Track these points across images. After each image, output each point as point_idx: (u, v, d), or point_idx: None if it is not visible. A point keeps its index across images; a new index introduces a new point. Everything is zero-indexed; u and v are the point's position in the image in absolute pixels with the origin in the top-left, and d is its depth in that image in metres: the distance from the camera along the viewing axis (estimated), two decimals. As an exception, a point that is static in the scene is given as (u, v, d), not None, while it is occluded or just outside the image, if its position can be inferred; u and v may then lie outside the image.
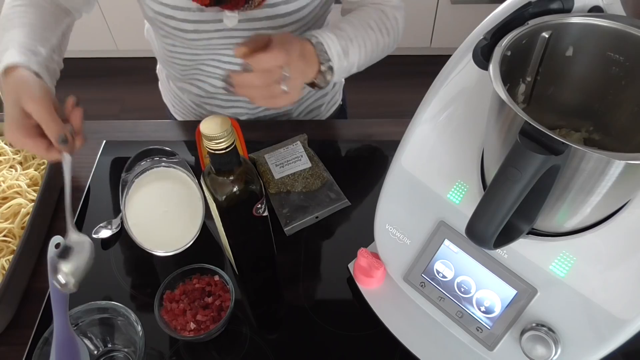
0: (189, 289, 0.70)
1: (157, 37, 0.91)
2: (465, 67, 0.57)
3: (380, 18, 0.81)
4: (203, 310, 0.68)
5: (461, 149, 0.59)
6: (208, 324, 0.67)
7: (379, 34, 0.80)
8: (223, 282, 0.71)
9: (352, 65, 0.77)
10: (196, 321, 0.67)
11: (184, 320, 0.68)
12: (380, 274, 0.69)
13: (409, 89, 0.79)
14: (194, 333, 0.67)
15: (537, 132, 0.40)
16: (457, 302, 0.61)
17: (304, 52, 0.68)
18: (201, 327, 0.67)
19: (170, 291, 0.70)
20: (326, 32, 0.72)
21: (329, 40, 0.72)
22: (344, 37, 0.74)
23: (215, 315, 0.68)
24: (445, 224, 0.60)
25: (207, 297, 0.70)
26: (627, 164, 0.41)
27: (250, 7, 0.76)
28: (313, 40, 0.71)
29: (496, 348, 0.59)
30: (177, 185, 0.78)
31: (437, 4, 2.20)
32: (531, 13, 0.48)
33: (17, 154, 0.87)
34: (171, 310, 0.68)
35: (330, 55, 0.72)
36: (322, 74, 0.72)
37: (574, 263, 0.52)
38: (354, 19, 0.79)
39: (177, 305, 0.69)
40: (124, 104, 2.29)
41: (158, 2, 0.78)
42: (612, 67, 0.50)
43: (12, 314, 0.73)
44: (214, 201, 0.63)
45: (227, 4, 0.74)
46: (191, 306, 0.69)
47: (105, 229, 0.80)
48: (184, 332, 0.67)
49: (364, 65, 0.80)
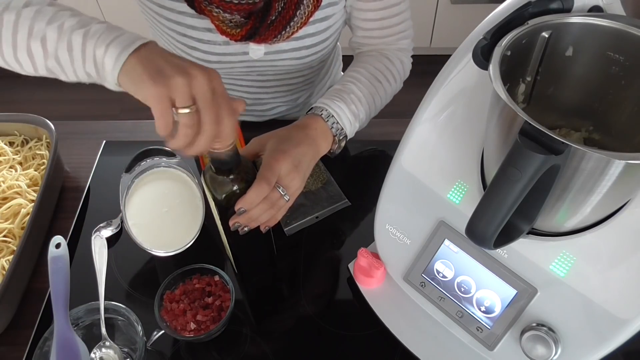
0: (189, 289, 0.70)
1: None
2: (465, 67, 0.57)
3: (386, 67, 0.82)
4: (203, 311, 0.68)
5: (461, 149, 0.59)
6: (208, 324, 0.67)
7: (386, 84, 0.81)
8: (223, 282, 0.71)
9: (364, 123, 0.79)
10: (196, 321, 0.67)
11: (184, 320, 0.67)
12: (380, 274, 0.69)
13: (408, 89, 0.79)
14: (194, 333, 0.67)
15: (537, 132, 0.40)
16: (457, 302, 0.61)
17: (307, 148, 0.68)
18: (201, 327, 0.67)
19: (170, 291, 0.70)
20: (335, 101, 0.73)
21: (339, 110, 0.73)
22: (353, 101, 0.75)
23: (215, 316, 0.68)
24: (445, 224, 0.60)
25: (207, 297, 0.70)
26: (627, 164, 0.41)
27: (279, 40, 0.77)
28: (324, 114, 0.72)
29: (496, 348, 0.59)
30: (177, 185, 0.78)
31: (437, 4, 2.19)
32: (531, 13, 0.48)
33: (17, 154, 0.87)
34: (171, 310, 0.68)
35: (342, 125, 0.73)
36: (337, 142, 0.73)
37: (574, 263, 0.52)
38: (361, 75, 0.79)
39: (177, 305, 0.69)
40: (124, 104, 2.29)
41: (181, 34, 0.78)
42: (612, 67, 0.50)
43: (12, 314, 0.72)
44: (213, 200, 0.63)
45: (258, 37, 0.75)
46: (191, 306, 0.69)
47: (105, 229, 0.80)
48: (184, 332, 0.67)
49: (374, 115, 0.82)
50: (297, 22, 0.75)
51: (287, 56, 0.82)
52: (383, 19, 0.81)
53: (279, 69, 0.85)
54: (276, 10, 0.73)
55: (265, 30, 0.74)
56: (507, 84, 0.44)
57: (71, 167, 0.91)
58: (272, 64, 0.83)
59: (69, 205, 0.86)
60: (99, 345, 0.66)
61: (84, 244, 0.80)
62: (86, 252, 0.75)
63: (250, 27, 0.73)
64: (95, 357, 0.65)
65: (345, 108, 0.73)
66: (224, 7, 0.70)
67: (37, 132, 0.89)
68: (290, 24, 0.75)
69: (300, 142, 0.67)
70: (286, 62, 0.83)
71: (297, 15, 0.74)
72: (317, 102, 0.74)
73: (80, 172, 0.90)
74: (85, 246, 0.79)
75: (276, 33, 0.75)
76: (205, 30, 0.76)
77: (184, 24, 0.76)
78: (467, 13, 2.19)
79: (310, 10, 0.75)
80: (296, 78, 0.91)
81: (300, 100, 1.01)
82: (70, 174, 0.90)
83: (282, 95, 0.95)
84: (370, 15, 0.81)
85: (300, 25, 0.76)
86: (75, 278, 0.69)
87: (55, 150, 0.82)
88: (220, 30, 0.74)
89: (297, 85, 0.93)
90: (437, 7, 2.21)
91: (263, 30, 0.74)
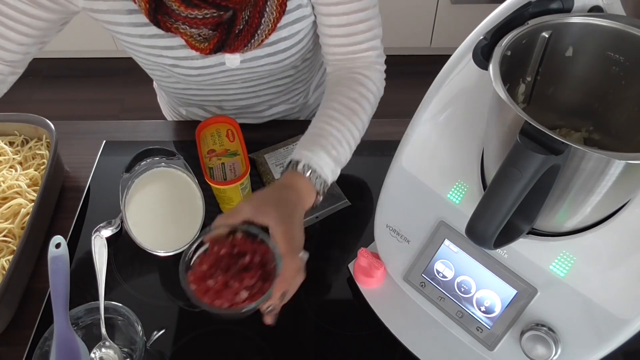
0: (214, 260, 0.57)
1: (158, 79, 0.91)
2: (465, 67, 0.57)
3: (360, 94, 0.76)
4: (247, 273, 0.56)
5: (461, 149, 0.59)
6: (262, 284, 0.56)
7: (362, 114, 0.75)
8: (247, 235, 0.59)
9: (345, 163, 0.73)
10: (247, 288, 0.56)
11: (231, 293, 0.55)
12: (380, 274, 0.69)
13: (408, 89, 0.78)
14: (250, 301, 0.56)
15: (537, 132, 0.40)
16: (457, 302, 0.61)
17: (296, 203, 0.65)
18: (255, 291, 0.56)
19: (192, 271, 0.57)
20: (316, 151, 0.68)
21: (320, 161, 0.67)
22: (334, 145, 0.70)
23: (262, 273, 0.57)
24: (445, 224, 0.60)
25: (242, 257, 0.58)
26: (627, 164, 0.41)
27: (250, 48, 0.76)
28: (306, 171, 0.67)
29: (496, 348, 0.59)
30: (177, 185, 0.78)
31: (437, 4, 2.19)
32: (531, 13, 0.48)
33: (17, 154, 0.87)
34: (209, 290, 0.56)
35: (325, 177, 0.68)
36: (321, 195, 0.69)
37: (574, 263, 0.52)
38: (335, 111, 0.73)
39: (213, 282, 0.56)
40: (124, 104, 2.29)
41: (158, 55, 0.78)
42: (612, 67, 0.50)
43: (12, 314, 0.73)
44: None
45: (228, 49, 0.75)
46: (231, 275, 0.57)
47: (105, 229, 0.80)
48: (238, 306, 0.55)
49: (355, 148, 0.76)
50: (265, 30, 0.74)
51: (264, 62, 0.81)
52: (348, 24, 0.76)
53: (260, 74, 0.85)
54: (242, 19, 0.72)
55: (233, 41, 0.74)
56: (507, 84, 0.44)
57: (71, 167, 0.91)
58: (251, 70, 0.83)
59: (69, 205, 0.86)
60: (99, 345, 0.65)
61: (84, 244, 0.80)
62: (86, 252, 0.75)
63: (217, 40, 0.73)
64: (95, 357, 0.65)
65: (325, 156, 0.68)
66: (189, 22, 0.70)
67: (37, 132, 0.89)
68: (257, 32, 0.74)
69: (295, 203, 0.64)
70: (265, 67, 0.83)
71: (262, 23, 0.73)
72: (295, 153, 0.69)
73: (80, 172, 0.90)
74: (85, 246, 0.79)
75: (245, 42, 0.74)
76: (181, 47, 0.76)
77: (159, 46, 0.76)
78: (467, 13, 2.19)
79: (275, 16, 0.74)
80: (282, 79, 0.90)
81: (300, 101, 1.01)
82: (70, 174, 0.90)
83: (274, 97, 0.95)
84: (333, 20, 0.76)
85: (269, 32, 0.75)
86: (75, 278, 0.69)
87: (55, 150, 0.82)
88: (190, 45, 0.74)
89: (286, 86, 0.93)
90: (437, 7, 2.21)
91: (231, 42, 0.74)
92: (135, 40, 0.76)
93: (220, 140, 0.80)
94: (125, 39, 0.77)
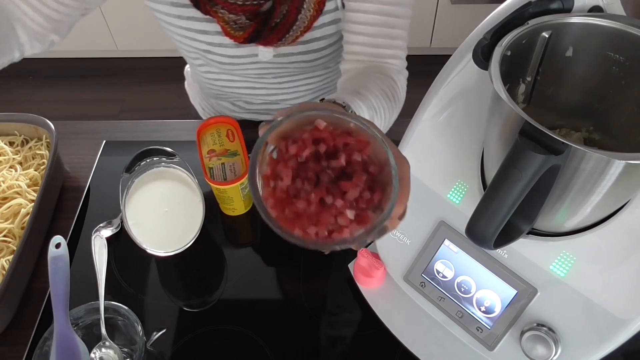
0: (294, 168, 0.39)
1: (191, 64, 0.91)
2: (465, 67, 0.57)
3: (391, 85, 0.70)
4: (347, 183, 0.39)
5: (461, 149, 0.59)
6: (370, 196, 0.39)
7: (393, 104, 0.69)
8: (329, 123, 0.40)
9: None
10: (352, 203, 0.38)
11: (331, 215, 0.38)
12: (380, 274, 0.69)
13: (408, 89, 0.78)
14: (359, 224, 0.39)
15: (537, 132, 0.40)
16: (457, 302, 0.61)
17: None
18: (366, 208, 0.39)
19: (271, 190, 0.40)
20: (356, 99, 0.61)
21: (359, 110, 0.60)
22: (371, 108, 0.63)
23: (368, 179, 0.39)
24: (445, 224, 0.60)
25: (332, 158, 0.39)
26: (627, 164, 0.41)
27: (284, 43, 0.77)
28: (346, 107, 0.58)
29: (496, 348, 0.59)
30: (177, 185, 0.78)
31: (437, 4, 2.19)
32: (531, 13, 0.48)
33: (17, 154, 0.87)
34: (300, 216, 0.39)
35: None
36: None
37: (574, 263, 0.52)
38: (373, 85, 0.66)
39: (305, 204, 0.38)
40: (124, 104, 2.29)
41: (192, 38, 0.79)
42: (612, 67, 0.50)
43: (12, 314, 0.72)
44: None
45: (262, 40, 0.75)
46: (324, 188, 0.39)
47: (105, 229, 0.80)
48: (342, 232, 0.39)
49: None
50: (300, 26, 0.75)
51: (296, 59, 0.82)
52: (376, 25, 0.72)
53: (291, 70, 0.86)
54: (280, 13, 0.73)
55: (268, 33, 0.74)
56: (507, 84, 0.44)
57: (71, 167, 0.91)
58: (282, 66, 0.83)
59: (69, 205, 0.86)
60: (99, 345, 0.65)
61: (84, 244, 0.80)
62: (86, 252, 0.75)
63: (252, 30, 0.73)
64: (95, 357, 0.65)
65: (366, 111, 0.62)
66: (228, 8, 0.71)
67: (37, 132, 0.89)
68: (292, 27, 0.74)
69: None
70: (297, 65, 0.83)
71: (298, 19, 0.74)
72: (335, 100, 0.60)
73: (80, 172, 0.90)
74: (85, 246, 0.79)
75: (280, 36, 0.75)
76: (216, 34, 0.77)
77: (194, 29, 0.77)
78: (467, 13, 2.19)
79: (312, 14, 0.74)
80: (312, 78, 0.91)
81: None
82: (70, 174, 0.90)
83: (303, 95, 0.95)
84: (362, 17, 0.72)
85: (304, 29, 0.75)
86: (75, 278, 0.69)
87: (55, 150, 0.82)
88: (225, 32, 0.74)
89: (316, 85, 0.93)
90: (437, 7, 2.21)
91: (266, 34, 0.74)
92: (172, 21, 0.77)
93: (220, 140, 0.80)
94: (163, 17, 0.78)
